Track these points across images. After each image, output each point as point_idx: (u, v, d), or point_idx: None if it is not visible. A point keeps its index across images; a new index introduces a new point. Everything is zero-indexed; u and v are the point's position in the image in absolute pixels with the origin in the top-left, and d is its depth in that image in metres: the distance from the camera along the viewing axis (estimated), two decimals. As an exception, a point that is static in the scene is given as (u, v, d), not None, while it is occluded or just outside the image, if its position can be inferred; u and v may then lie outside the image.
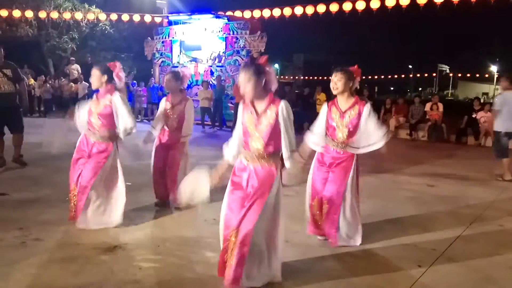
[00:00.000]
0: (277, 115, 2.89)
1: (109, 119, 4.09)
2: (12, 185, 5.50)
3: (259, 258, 2.94)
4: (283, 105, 2.91)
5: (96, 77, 4.11)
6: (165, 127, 4.84)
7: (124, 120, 4.05)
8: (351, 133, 3.78)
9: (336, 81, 3.78)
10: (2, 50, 6.53)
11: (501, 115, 7.06)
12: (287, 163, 2.93)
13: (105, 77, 4.11)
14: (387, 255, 3.68)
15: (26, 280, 2.98)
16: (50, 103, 16.49)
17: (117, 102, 4.05)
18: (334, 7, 12.57)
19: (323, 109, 3.94)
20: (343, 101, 3.84)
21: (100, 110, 4.10)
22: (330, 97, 4.24)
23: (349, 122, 3.78)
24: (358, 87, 3.96)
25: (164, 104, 4.86)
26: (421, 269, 3.41)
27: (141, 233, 4.01)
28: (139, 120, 15.59)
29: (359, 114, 3.78)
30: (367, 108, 3.81)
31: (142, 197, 5.08)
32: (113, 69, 4.16)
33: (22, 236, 3.77)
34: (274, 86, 2.99)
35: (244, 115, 3.00)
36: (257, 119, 2.92)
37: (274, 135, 2.91)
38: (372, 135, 3.78)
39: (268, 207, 2.87)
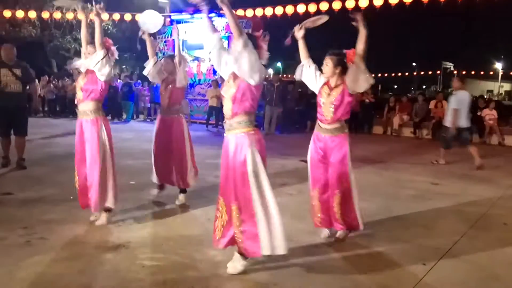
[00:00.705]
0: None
1: (93, 89, 4.12)
2: (17, 185, 5.52)
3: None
4: None
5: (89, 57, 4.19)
6: (160, 115, 5.01)
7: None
8: (337, 110, 3.77)
9: (324, 66, 3.83)
10: (14, 49, 6.53)
11: (450, 112, 7.86)
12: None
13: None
14: (391, 254, 3.67)
15: (31, 279, 2.99)
16: (53, 103, 16.54)
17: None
18: (337, 5, 12.54)
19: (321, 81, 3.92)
20: (334, 82, 3.84)
21: (85, 81, 4.15)
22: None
23: (335, 99, 3.77)
24: None
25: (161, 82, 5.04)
26: (425, 268, 3.40)
27: (144, 232, 4.02)
28: (143, 120, 15.63)
29: (343, 91, 3.76)
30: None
31: (146, 196, 5.09)
32: (109, 47, 4.26)
33: (26, 235, 3.79)
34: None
35: None
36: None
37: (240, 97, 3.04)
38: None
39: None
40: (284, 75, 38.90)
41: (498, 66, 57.90)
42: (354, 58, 3.69)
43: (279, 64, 52.58)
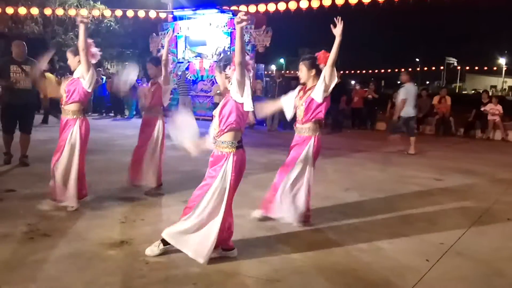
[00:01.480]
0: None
1: (76, 92, 4.34)
2: (20, 181, 5.53)
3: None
4: None
5: (70, 60, 4.44)
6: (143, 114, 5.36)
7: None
8: (307, 110, 4.00)
9: (299, 72, 4.13)
10: (25, 46, 6.52)
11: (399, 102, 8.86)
12: None
13: (78, 57, 4.32)
14: (394, 249, 3.66)
15: (34, 275, 2.99)
16: (56, 99, 16.55)
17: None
18: (340, 0, 12.49)
19: (297, 89, 4.24)
20: (310, 84, 4.10)
21: (68, 84, 4.39)
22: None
23: (306, 99, 4.00)
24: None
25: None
26: (429, 263, 3.39)
27: (147, 228, 4.01)
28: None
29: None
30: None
31: (149, 192, 5.08)
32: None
33: (29, 231, 3.79)
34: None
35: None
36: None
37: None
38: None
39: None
40: (287, 71, 38.85)
41: (502, 61, 57.62)
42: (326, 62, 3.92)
43: (281, 60, 52.48)
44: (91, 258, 3.30)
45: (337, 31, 3.82)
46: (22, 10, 16.07)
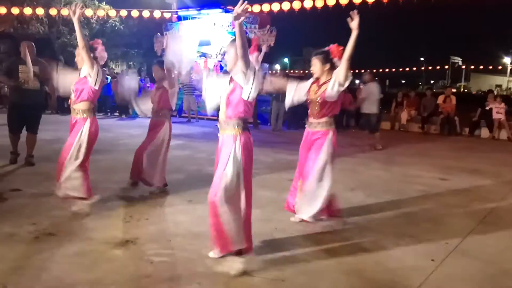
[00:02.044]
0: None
1: (84, 91, 4.34)
2: (26, 181, 5.55)
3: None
4: None
5: (80, 58, 4.36)
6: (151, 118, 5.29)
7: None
8: (323, 105, 3.98)
9: (313, 67, 4.06)
10: (34, 46, 6.55)
11: (367, 101, 9.35)
12: None
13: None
14: (399, 249, 3.65)
15: (39, 275, 3.01)
16: (62, 99, 16.60)
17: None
18: (344, 0, 12.46)
19: (310, 81, 4.16)
20: (323, 79, 4.04)
21: (76, 83, 4.38)
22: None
23: (321, 95, 3.97)
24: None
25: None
26: (434, 263, 3.38)
27: (152, 228, 4.02)
28: (150, 116, 15.67)
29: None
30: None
31: (153, 192, 5.10)
32: (96, 48, 4.42)
33: (35, 231, 3.81)
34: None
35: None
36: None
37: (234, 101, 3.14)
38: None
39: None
40: (291, 71, 38.81)
41: (507, 60, 57.31)
42: (341, 57, 3.87)
43: (286, 60, 52.43)
44: (97, 257, 3.31)
45: (354, 24, 3.75)
46: (28, 10, 16.13)
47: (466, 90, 42.72)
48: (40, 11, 16.39)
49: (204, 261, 3.29)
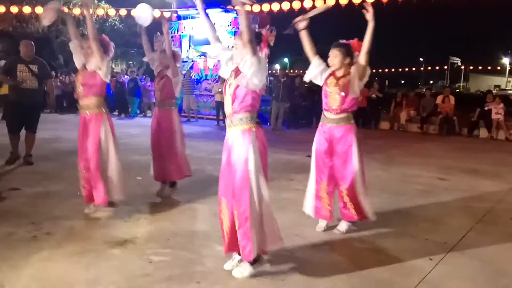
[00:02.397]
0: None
1: (94, 83, 4.17)
2: (24, 180, 5.55)
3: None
4: None
5: (88, 51, 4.19)
6: (155, 109, 5.12)
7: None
8: (343, 100, 3.79)
9: (333, 58, 3.83)
10: (33, 45, 6.54)
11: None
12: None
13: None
14: (398, 249, 3.66)
15: (37, 274, 3.01)
16: (61, 98, 16.61)
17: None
18: (343, 0, 12.47)
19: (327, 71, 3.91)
20: (341, 72, 3.85)
21: (85, 76, 4.19)
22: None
23: (342, 87, 3.78)
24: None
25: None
26: (432, 263, 3.38)
27: (151, 227, 4.03)
28: (150, 115, 15.68)
29: (350, 81, 3.79)
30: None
31: (152, 191, 5.10)
32: (108, 44, 4.28)
33: (33, 230, 3.81)
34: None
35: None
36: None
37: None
38: None
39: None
40: (291, 71, 38.78)
41: (506, 61, 57.41)
42: (360, 51, 3.75)
43: (285, 59, 52.40)
44: (95, 256, 3.32)
45: (370, 16, 3.67)
46: (27, 9, 16.12)
47: (458, 91, 42.51)
48: (39, 9, 16.33)
49: (203, 261, 3.30)
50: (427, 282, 3.08)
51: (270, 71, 14.42)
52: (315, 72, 3.91)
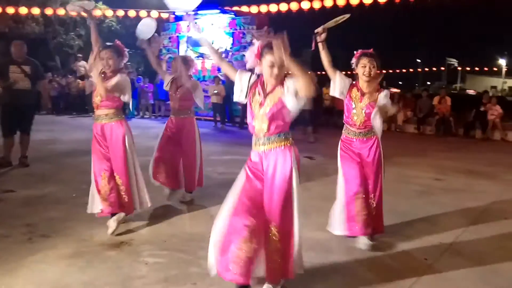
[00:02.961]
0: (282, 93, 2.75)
1: (115, 100, 4.01)
2: (20, 182, 5.54)
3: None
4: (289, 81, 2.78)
5: (113, 60, 3.99)
6: (172, 116, 4.94)
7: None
8: (367, 116, 3.65)
9: (371, 67, 3.61)
10: (25, 46, 6.50)
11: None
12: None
13: (120, 58, 4.10)
14: (394, 249, 3.67)
15: (33, 276, 3.01)
16: (57, 100, 16.58)
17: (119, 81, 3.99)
18: (341, 1, 12.50)
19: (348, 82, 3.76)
20: (366, 85, 3.68)
21: (104, 93, 3.92)
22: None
23: (367, 105, 3.65)
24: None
25: (169, 84, 4.94)
26: (427, 262, 3.40)
27: (147, 229, 4.03)
28: (148, 116, 15.65)
29: (377, 101, 3.64)
30: (383, 93, 3.69)
31: (148, 192, 5.08)
32: (122, 50, 4.14)
33: (29, 232, 3.80)
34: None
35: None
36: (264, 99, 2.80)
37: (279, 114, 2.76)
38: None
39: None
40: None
41: (502, 62, 57.62)
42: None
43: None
44: (91, 258, 3.31)
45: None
46: (23, 10, 16.08)
47: (453, 91, 42.38)
48: (35, 10, 16.35)
49: (199, 262, 3.30)
50: (422, 282, 3.09)
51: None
52: (343, 86, 3.75)
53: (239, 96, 2.94)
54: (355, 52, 3.80)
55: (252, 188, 2.80)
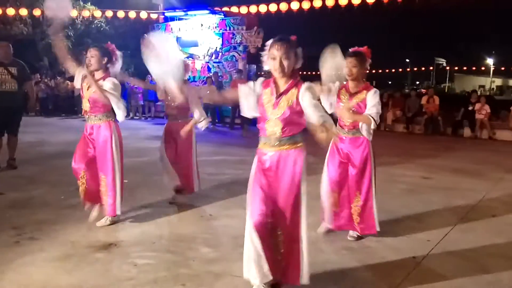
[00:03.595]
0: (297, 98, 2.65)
1: (103, 104, 4.00)
2: (8, 184, 5.48)
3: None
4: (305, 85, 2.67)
5: (97, 59, 3.95)
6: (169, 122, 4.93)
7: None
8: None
9: (351, 68, 3.60)
10: (11, 47, 6.44)
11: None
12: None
13: (105, 59, 4.01)
14: (382, 247, 3.69)
15: (20, 279, 2.98)
16: (45, 101, 16.45)
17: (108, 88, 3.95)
18: (330, 2, 12.56)
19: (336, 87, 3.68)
20: (354, 85, 3.70)
21: (91, 95, 3.97)
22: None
23: (355, 105, 3.66)
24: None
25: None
26: (415, 260, 3.42)
27: (136, 230, 4.00)
28: (138, 117, 15.58)
29: (364, 100, 3.65)
30: (372, 91, 3.68)
31: (137, 194, 5.08)
32: (112, 52, 4.07)
33: (16, 235, 3.76)
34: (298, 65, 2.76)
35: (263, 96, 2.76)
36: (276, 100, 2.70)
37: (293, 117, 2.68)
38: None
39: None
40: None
41: (490, 61, 58.32)
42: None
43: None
44: (79, 261, 3.29)
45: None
46: (11, 11, 15.95)
47: (446, 91, 42.80)
48: (23, 11, 16.21)
49: (188, 263, 3.29)
50: (410, 279, 3.11)
51: (258, 73, 14.44)
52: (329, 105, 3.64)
53: (248, 112, 2.85)
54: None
55: (263, 193, 2.75)
